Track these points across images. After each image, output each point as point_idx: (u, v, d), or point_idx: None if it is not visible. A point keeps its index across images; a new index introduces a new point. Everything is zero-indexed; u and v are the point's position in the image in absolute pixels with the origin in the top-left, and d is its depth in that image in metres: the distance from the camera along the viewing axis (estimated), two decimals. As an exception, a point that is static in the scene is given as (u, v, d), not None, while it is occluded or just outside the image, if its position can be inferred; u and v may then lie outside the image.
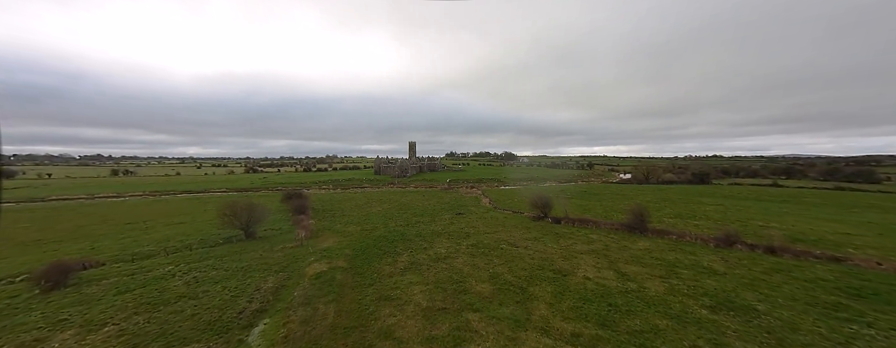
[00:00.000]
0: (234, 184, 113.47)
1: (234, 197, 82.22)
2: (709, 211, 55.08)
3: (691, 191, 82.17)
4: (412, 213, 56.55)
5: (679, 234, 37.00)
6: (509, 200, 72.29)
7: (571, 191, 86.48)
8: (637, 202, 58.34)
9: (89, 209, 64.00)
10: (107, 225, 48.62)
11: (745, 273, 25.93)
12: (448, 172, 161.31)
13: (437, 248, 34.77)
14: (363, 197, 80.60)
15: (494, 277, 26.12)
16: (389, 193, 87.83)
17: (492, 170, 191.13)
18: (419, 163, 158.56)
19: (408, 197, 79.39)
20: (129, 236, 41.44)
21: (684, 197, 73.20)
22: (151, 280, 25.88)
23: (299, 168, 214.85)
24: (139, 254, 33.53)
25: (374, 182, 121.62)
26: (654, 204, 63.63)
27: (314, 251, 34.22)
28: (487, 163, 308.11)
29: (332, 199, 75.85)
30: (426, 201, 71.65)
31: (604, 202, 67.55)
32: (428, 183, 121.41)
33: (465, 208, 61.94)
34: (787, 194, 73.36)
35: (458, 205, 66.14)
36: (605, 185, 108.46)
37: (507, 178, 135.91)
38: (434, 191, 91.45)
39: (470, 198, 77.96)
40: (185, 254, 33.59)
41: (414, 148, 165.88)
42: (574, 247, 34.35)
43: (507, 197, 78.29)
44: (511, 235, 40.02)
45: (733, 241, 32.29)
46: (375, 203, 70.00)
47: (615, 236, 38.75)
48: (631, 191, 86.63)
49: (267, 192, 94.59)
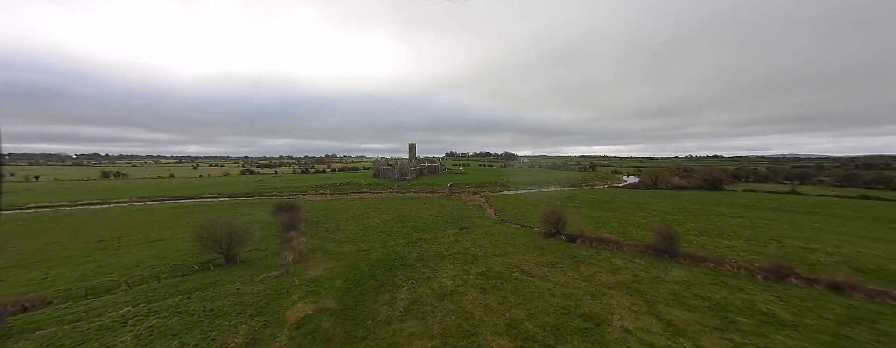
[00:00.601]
0: (227, 189, 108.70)
1: (223, 204, 77.50)
2: (734, 226, 50.50)
3: (707, 200, 77.61)
4: (413, 227, 51.94)
5: (716, 261, 32.39)
6: (515, 210, 67.70)
7: (580, 199, 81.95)
8: (665, 222, 54.07)
9: (65, 220, 59.22)
10: (76, 243, 43.86)
11: (818, 323, 21.34)
12: (449, 175, 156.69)
13: (441, 278, 30.17)
14: (361, 205, 75.97)
15: (512, 326, 21.53)
16: (388, 200, 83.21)
17: (493, 172, 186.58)
18: (419, 166, 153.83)
19: (408, 205, 74.78)
20: (95, 259, 36.69)
21: (701, 206, 68.64)
22: (95, 331, 21.19)
23: (297, 169, 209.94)
24: (96, 287, 28.81)
25: (372, 186, 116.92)
26: (671, 215, 59.08)
27: (300, 282, 29.58)
28: (488, 164, 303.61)
29: (328, 208, 71.20)
30: (427, 211, 67.03)
31: (617, 213, 62.97)
32: (428, 187, 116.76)
33: (470, 220, 57.33)
34: (811, 204, 68.83)
35: (461, 216, 61.53)
36: (613, 191, 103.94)
37: (509, 182, 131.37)
38: (435, 198, 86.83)
39: (473, 206, 73.36)
40: (149, 287, 28.88)
41: (414, 150, 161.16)
42: (599, 278, 29.76)
43: (513, 205, 73.71)
44: (524, 259, 35.43)
45: (785, 274, 27.72)
46: (373, 213, 65.37)
47: (642, 261, 34.16)
48: (642, 199, 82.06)
49: (260, 199, 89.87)
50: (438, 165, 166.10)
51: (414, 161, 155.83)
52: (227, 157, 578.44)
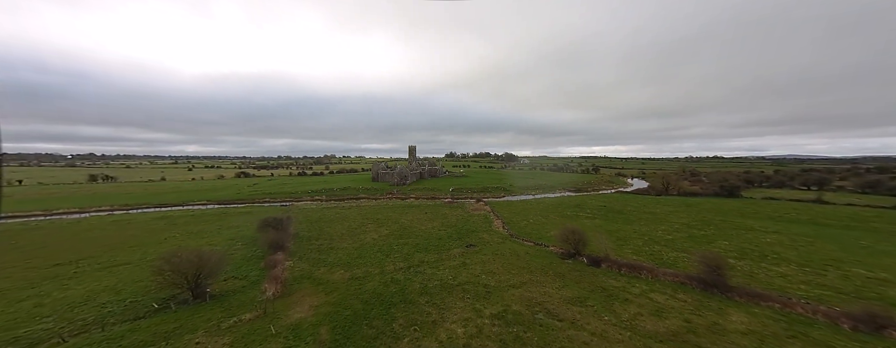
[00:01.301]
0: (218, 194, 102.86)
1: (210, 214, 71.72)
2: (772, 244, 45.00)
3: (727, 209, 72.13)
4: (414, 244, 46.36)
5: (782, 301, 26.80)
6: (524, 221, 62.13)
7: (591, 207, 76.42)
8: (691, 237, 48.72)
9: (29, 236, 53.41)
10: (26, 267, 38.05)
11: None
12: (450, 179, 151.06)
13: (450, 324, 24.60)
14: (358, 214, 70.32)
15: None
16: (387, 209, 77.57)
17: (495, 176, 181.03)
18: (419, 169, 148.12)
19: (408, 214, 69.18)
20: (38, 293, 30.92)
21: (724, 218, 63.15)
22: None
23: (294, 171, 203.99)
24: (20, 341, 23.07)
25: (371, 191, 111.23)
26: (697, 230, 53.60)
27: (278, 331, 23.94)
28: (488, 165, 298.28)
29: (322, 219, 65.53)
30: (429, 222, 61.45)
31: (636, 226, 57.47)
32: (429, 192, 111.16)
33: (476, 236, 51.75)
34: (845, 216, 63.37)
35: (466, 229, 55.94)
36: (623, 197, 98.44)
37: (513, 187, 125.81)
38: (437, 206, 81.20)
39: (478, 216, 67.76)
40: (89, 339, 23.18)
41: (414, 152, 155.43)
42: (643, 325, 24.20)
43: (520, 215, 68.14)
44: (545, 292, 29.88)
45: (882, 325, 22.18)
46: (371, 224, 59.75)
47: (687, 297, 28.62)
48: (658, 207, 76.61)
49: (251, 207, 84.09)
50: (439, 168, 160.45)
51: (414, 164, 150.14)
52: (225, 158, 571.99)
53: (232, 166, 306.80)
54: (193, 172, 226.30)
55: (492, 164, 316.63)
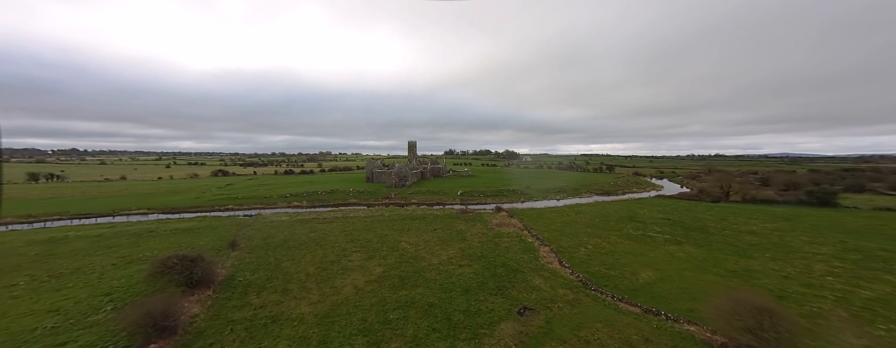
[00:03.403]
0: (171, 200, 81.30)
1: (132, 232, 50.17)
2: None
3: (855, 227, 52.12)
4: (425, 307, 25.79)
5: None
6: (580, 247, 41.72)
7: (651, 221, 56.09)
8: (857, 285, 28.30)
9: None
10: None
11: None
12: (454, 178, 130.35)
13: None
14: (341, 232, 49.56)
15: None
16: (383, 221, 56.81)
17: (503, 175, 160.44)
18: (421, 168, 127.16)
19: (411, 232, 48.50)
20: None
21: (885, 246, 43.30)
22: None
23: (279, 169, 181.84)
24: None
25: (363, 195, 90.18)
26: (867, 269, 33.45)
27: None
28: (491, 163, 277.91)
29: (289, 241, 44.68)
30: (443, 249, 40.90)
31: (760, 261, 37.32)
32: (433, 196, 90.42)
33: (523, 281, 31.22)
34: None
35: (503, 265, 35.40)
36: (674, 204, 78.41)
37: (530, 189, 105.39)
38: (447, 217, 60.54)
39: (510, 236, 47.28)
40: None
41: (414, 149, 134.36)
42: None
43: (568, 234, 47.76)
44: None
45: None
46: (357, 253, 39.11)
47: None
48: (749, 223, 56.79)
49: (202, 219, 62.80)
50: (442, 167, 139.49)
51: (414, 162, 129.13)
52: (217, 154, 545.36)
53: (219, 163, 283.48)
54: (171, 169, 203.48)
55: (494, 162, 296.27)
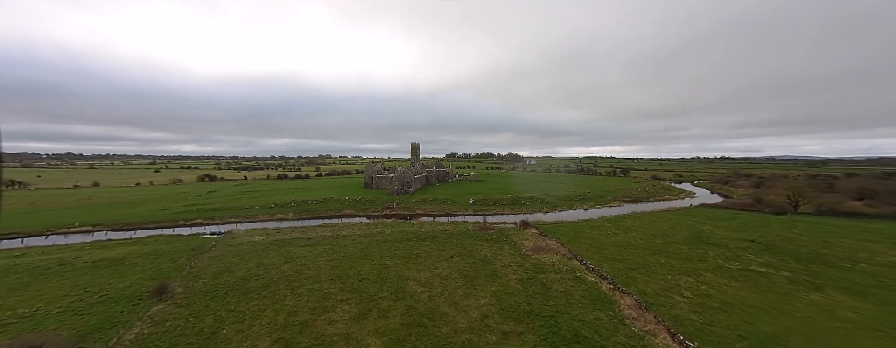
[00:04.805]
0: (130, 213, 67.82)
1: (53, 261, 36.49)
2: None
3: None
4: None
5: None
6: (655, 279, 28.06)
7: (728, 242, 42.38)
8: None
9: None
10: None
11: None
12: (462, 183, 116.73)
13: None
14: (326, 261, 35.93)
15: None
16: (383, 244, 43.18)
17: (513, 180, 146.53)
18: (425, 172, 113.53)
19: (421, 264, 34.82)
20: None
21: None
22: None
23: (273, 174, 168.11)
24: None
25: (360, 204, 76.62)
26: None
27: None
28: (495, 166, 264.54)
29: (248, 280, 31.06)
30: (470, 293, 27.22)
31: None
32: (442, 205, 76.88)
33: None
34: None
35: (563, 325, 21.68)
36: (728, 215, 64.87)
37: (549, 196, 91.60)
38: (464, 237, 46.91)
39: (558, 270, 33.63)
40: None
41: (418, 151, 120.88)
42: None
43: (637, 266, 34.12)
44: None
45: None
46: (345, 303, 25.50)
47: None
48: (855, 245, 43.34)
49: (157, 239, 49.22)
50: (448, 171, 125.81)
51: (418, 166, 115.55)
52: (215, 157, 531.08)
53: (214, 167, 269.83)
54: (160, 174, 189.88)
55: (498, 165, 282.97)
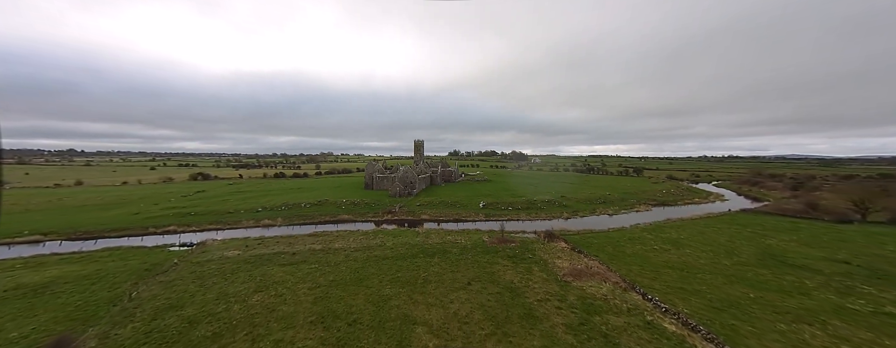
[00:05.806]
0: (99, 217, 59.61)
1: None
2: None
3: None
4: None
5: None
6: (764, 332, 19.26)
7: (832, 270, 33.43)
8: None
9: None
10: None
11: None
12: (469, 184, 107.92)
13: None
14: (309, 290, 27.37)
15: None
16: (382, 262, 34.54)
17: (521, 180, 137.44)
18: (430, 171, 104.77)
19: (430, 295, 26.12)
20: None
21: None
22: None
23: (270, 172, 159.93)
24: None
25: (358, 209, 68.03)
26: None
27: None
28: (500, 165, 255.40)
29: (196, 323, 22.49)
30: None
31: None
32: (450, 209, 68.19)
33: None
34: None
35: None
36: (784, 224, 55.87)
37: (566, 199, 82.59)
38: (481, 253, 38.23)
39: (619, 311, 24.85)
40: None
41: (421, 149, 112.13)
42: None
43: (718, 302, 25.31)
44: None
45: None
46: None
47: None
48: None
49: (111, 254, 40.83)
50: (454, 170, 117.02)
51: (422, 165, 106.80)
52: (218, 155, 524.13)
53: (213, 164, 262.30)
54: (156, 172, 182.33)
55: (503, 164, 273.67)
